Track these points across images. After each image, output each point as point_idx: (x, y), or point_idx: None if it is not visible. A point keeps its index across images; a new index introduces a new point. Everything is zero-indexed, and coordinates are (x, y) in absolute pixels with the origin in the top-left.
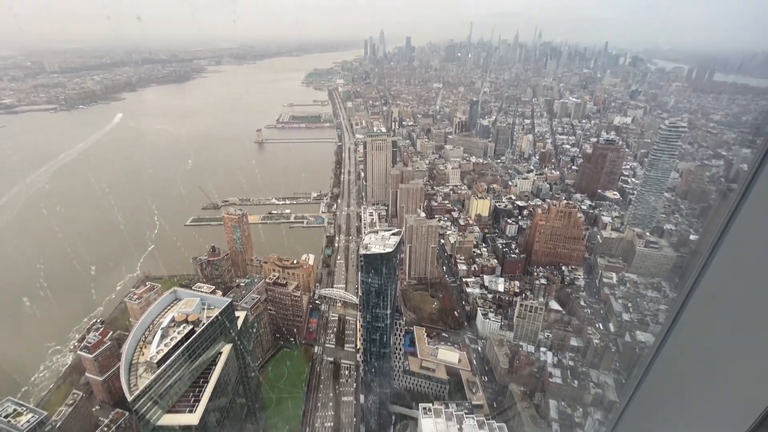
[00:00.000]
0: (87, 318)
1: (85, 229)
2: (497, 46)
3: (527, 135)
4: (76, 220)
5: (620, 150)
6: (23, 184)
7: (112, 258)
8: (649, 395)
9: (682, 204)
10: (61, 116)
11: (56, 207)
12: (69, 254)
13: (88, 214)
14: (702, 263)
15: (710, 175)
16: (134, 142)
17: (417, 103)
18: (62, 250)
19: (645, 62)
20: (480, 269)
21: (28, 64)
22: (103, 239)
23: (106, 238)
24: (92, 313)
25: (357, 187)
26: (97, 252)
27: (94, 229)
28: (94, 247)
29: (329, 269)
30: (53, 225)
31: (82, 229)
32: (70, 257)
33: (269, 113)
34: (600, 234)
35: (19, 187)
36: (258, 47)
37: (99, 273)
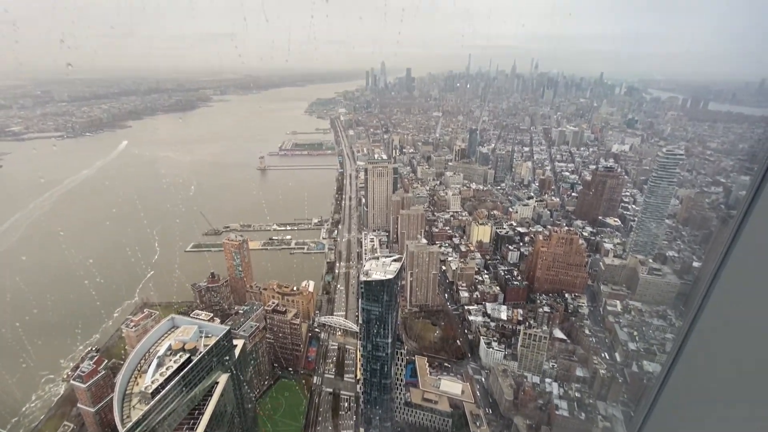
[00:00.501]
0: (82, 346)
1: (85, 255)
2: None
3: (526, 162)
4: (77, 245)
5: (619, 177)
6: (26, 209)
7: (110, 284)
8: (657, 427)
9: (683, 230)
10: (67, 143)
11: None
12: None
13: (89, 240)
14: (704, 290)
15: (710, 202)
16: (138, 168)
17: (417, 131)
18: (61, 276)
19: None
20: (482, 296)
21: (38, 93)
22: (102, 265)
23: (105, 264)
24: (88, 340)
25: (358, 213)
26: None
27: (94, 254)
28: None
29: (329, 296)
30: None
31: (82, 255)
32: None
33: (272, 141)
34: (602, 261)
35: (22, 213)
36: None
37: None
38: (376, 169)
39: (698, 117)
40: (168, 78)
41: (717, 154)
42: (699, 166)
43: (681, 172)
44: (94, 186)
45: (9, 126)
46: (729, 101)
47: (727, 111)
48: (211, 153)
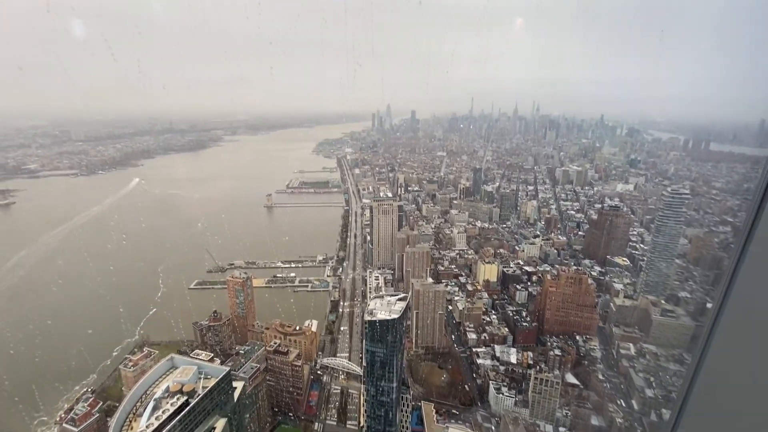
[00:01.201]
0: (79, 386)
1: (89, 291)
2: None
3: (531, 201)
4: (82, 282)
5: (626, 216)
6: (35, 245)
7: (111, 321)
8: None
9: (694, 271)
10: (80, 181)
11: (64, 268)
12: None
13: (94, 276)
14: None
15: (719, 242)
16: (147, 205)
17: (422, 170)
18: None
19: (641, 133)
20: (490, 338)
21: (56, 133)
22: (105, 302)
23: (108, 301)
24: (85, 380)
25: (363, 251)
26: (97, 315)
27: (97, 291)
28: (95, 310)
29: (332, 336)
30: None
31: (86, 291)
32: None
33: (280, 179)
34: (613, 302)
35: (30, 249)
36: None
37: (96, 337)
38: (381, 207)
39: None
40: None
41: (723, 193)
42: (705, 206)
43: (688, 211)
44: (103, 222)
45: (26, 164)
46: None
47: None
48: (220, 191)
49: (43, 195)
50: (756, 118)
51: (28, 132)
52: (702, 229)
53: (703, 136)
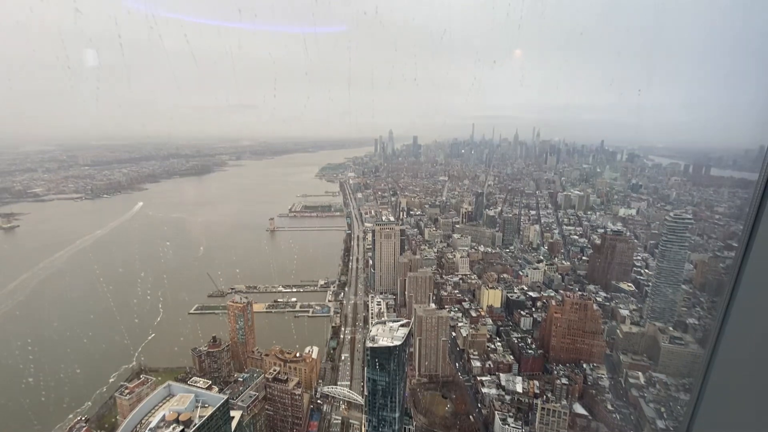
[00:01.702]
0: (73, 414)
1: (88, 315)
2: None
3: (534, 225)
4: (81, 306)
5: (629, 241)
6: (36, 268)
7: (109, 346)
8: None
9: (701, 297)
10: (85, 204)
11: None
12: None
13: (94, 300)
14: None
15: (725, 267)
16: (150, 229)
17: (424, 194)
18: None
19: (641, 158)
20: (495, 366)
21: (64, 158)
22: (103, 326)
23: (107, 326)
24: (79, 408)
25: (365, 275)
26: (95, 340)
27: (96, 315)
28: (94, 335)
29: (333, 364)
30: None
31: (85, 315)
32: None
33: (283, 203)
34: (619, 328)
35: (32, 272)
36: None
37: (94, 363)
38: (383, 231)
39: (702, 182)
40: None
41: (726, 218)
42: (709, 231)
43: (692, 236)
44: (105, 246)
45: (32, 188)
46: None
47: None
48: (223, 214)
49: (47, 218)
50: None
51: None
52: (707, 254)
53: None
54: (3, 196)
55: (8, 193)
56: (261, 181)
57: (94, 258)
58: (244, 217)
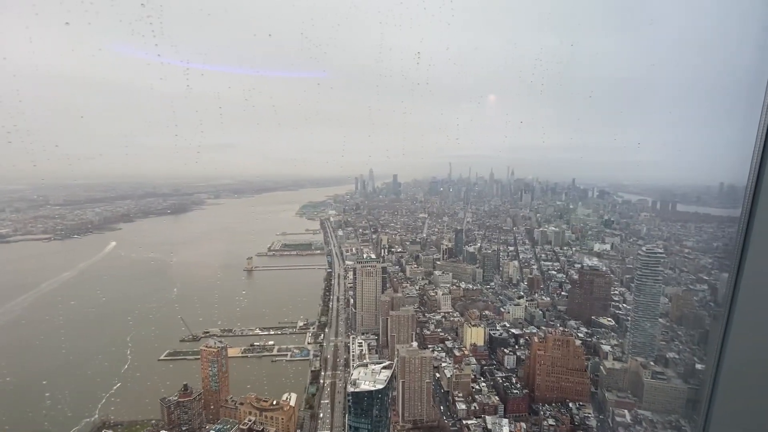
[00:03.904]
0: None
1: (49, 364)
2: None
3: (513, 261)
4: (41, 354)
5: (606, 275)
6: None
7: (71, 399)
8: None
9: (678, 330)
10: (53, 245)
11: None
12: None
13: (56, 348)
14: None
15: (699, 300)
16: (122, 270)
17: (405, 231)
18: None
19: (611, 195)
20: (481, 408)
21: (34, 197)
22: (65, 376)
23: (68, 375)
24: None
25: (346, 315)
26: (55, 392)
27: (58, 364)
28: (53, 386)
29: (313, 411)
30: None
31: (44, 365)
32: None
33: (262, 242)
34: (603, 364)
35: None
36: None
37: (51, 418)
38: (365, 269)
39: (669, 218)
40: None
41: (695, 252)
42: (680, 264)
43: (664, 270)
44: (72, 289)
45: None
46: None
47: (695, 212)
48: (199, 254)
49: (10, 260)
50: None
51: (4, 196)
52: (680, 287)
53: (669, 198)
54: None
55: None
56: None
57: (59, 302)
58: (220, 257)
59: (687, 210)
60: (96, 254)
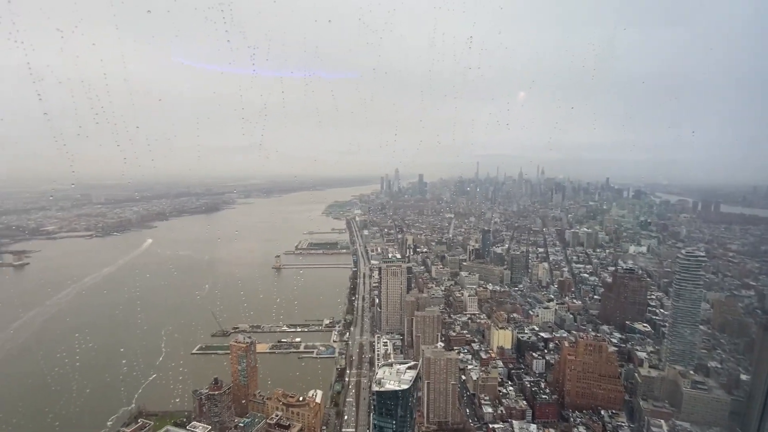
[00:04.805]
0: None
1: (91, 353)
2: (503, 181)
3: (542, 263)
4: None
5: (642, 279)
6: (43, 306)
7: (110, 387)
8: None
9: (721, 338)
10: (95, 242)
11: (70, 329)
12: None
13: (97, 338)
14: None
15: (744, 306)
16: (157, 266)
17: (430, 231)
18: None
19: (648, 195)
20: (508, 413)
21: (78, 197)
22: (106, 366)
23: (109, 365)
24: None
25: (371, 315)
26: (96, 379)
27: (99, 354)
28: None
29: (338, 409)
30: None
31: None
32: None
33: (289, 240)
34: (637, 372)
35: (38, 310)
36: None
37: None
38: (390, 269)
39: (712, 219)
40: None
41: (740, 255)
42: (724, 269)
43: (706, 274)
44: (112, 283)
45: (44, 225)
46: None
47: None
48: (229, 252)
49: (57, 256)
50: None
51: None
52: (723, 293)
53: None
54: (16, 234)
55: (22, 231)
56: (268, 218)
57: (100, 295)
58: (250, 254)
59: (731, 211)
60: (134, 251)
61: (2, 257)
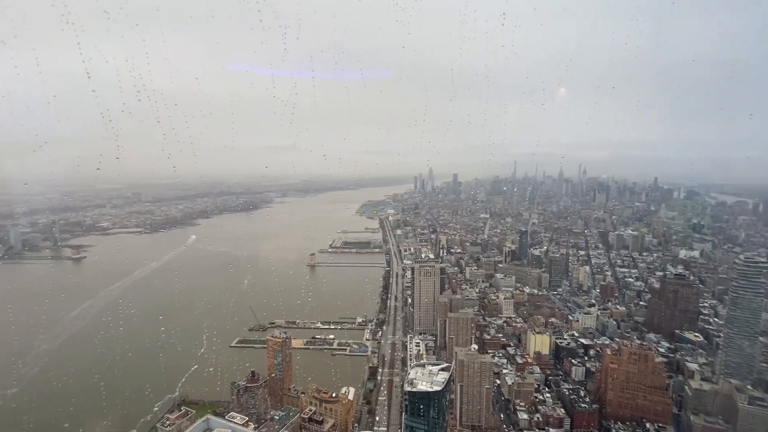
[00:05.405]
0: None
1: (139, 343)
2: (542, 180)
3: (584, 266)
4: (132, 334)
5: (694, 285)
6: (97, 297)
7: (156, 375)
8: None
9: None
10: (144, 238)
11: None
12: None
13: (145, 329)
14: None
15: None
16: (200, 261)
17: (465, 231)
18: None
19: (702, 196)
20: (544, 420)
21: (129, 195)
22: (152, 355)
23: (155, 354)
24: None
25: (403, 314)
26: (143, 368)
27: (147, 343)
28: (143, 363)
29: (370, 406)
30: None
31: (137, 343)
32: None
33: (323, 239)
34: (688, 384)
35: (92, 300)
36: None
37: (141, 390)
38: (423, 269)
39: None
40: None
41: None
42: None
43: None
44: (159, 277)
45: (100, 222)
46: None
47: None
48: (266, 249)
49: (110, 250)
50: None
51: (106, 194)
52: None
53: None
54: (75, 230)
55: (80, 226)
56: (304, 217)
57: (148, 288)
58: (286, 252)
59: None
60: (179, 247)
61: (63, 251)
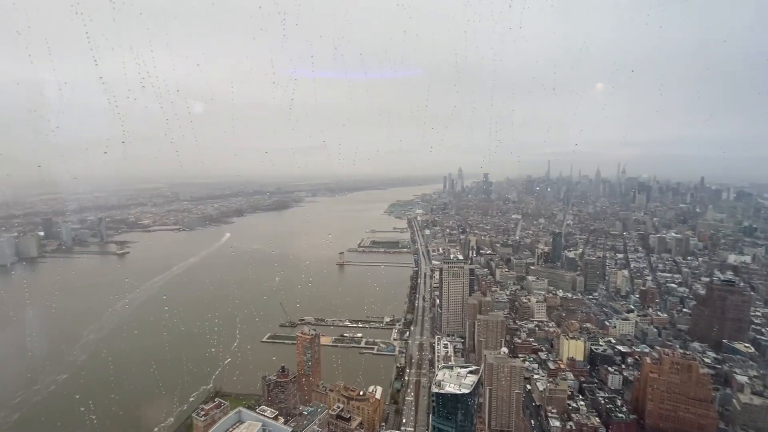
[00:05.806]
0: (157, 429)
1: (177, 335)
2: (578, 180)
3: (622, 270)
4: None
5: (744, 293)
6: (136, 292)
7: (192, 367)
8: None
9: None
10: (182, 235)
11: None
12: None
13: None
14: None
15: None
16: (234, 258)
17: (495, 232)
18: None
19: (754, 197)
20: (578, 429)
21: (168, 194)
22: (189, 347)
23: (192, 347)
24: (164, 423)
25: (431, 315)
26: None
27: (183, 336)
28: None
29: (397, 406)
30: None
31: (173, 335)
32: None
33: (352, 238)
34: (736, 397)
35: (132, 295)
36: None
37: (178, 381)
38: (451, 270)
39: None
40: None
41: None
42: None
43: None
44: (196, 272)
45: (142, 219)
46: None
47: None
48: (297, 247)
49: (151, 246)
50: None
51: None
52: None
53: None
54: (120, 227)
55: (124, 223)
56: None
57: (185, 283)
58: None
59: None
60: (214, 244)
61: (108, 247)
